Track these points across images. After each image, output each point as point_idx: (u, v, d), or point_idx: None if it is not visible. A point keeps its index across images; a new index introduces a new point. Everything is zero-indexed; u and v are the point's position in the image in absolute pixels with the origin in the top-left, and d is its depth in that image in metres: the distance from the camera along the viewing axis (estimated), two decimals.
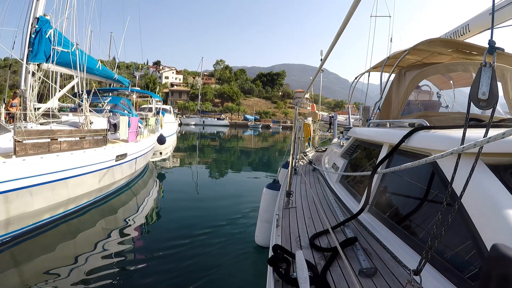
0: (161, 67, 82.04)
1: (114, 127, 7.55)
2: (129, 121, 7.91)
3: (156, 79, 62.89)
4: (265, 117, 59.12)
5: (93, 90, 9.02)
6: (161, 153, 14.87)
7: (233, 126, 48.73)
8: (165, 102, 55.63)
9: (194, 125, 45.24)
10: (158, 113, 15.36)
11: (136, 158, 8.17)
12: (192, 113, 53.50)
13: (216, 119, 49.87)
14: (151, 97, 15.55)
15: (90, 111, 7.09)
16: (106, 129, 6.63)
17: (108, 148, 6.42)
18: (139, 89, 17.52)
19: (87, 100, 6.82)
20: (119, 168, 6.97)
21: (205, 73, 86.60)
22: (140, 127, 9.97)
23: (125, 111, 10.24)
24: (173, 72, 78.25)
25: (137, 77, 22.04)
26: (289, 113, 60.29)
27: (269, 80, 78.26)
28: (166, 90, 66.36)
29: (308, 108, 18.70)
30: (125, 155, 7.19)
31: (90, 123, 6.78)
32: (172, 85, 71.76)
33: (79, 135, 5.81)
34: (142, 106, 18.18)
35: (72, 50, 7.45)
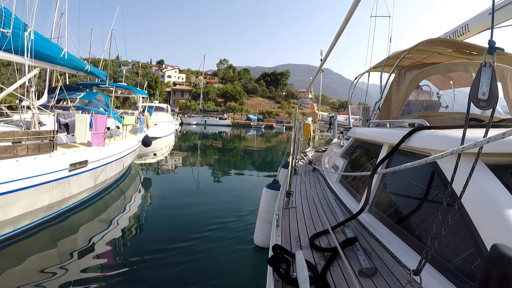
0: (164, 66, 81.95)
1: (66, 127, 6.21)
2: (91, 120, 6.42)
3: (158, 78, 62.96)
4: (269, 117, 58.75)
5: (59, 84, 7.57)
6: (155, 154, 14.56)
7: (236, 126, 48.39)
8: (167, 101, 55.49)
9: (195, 124, 45.04)
10: (143, 111, 13.80)
11: (104, 165, 6.84)
12: (193, 112, 53.27)
13: (218, 118, 49.59)
14: (133, 92, 13.46)
15: (39, 108, 5.81)
16: (54, 131, 5.18)
17: (57, 155, 5.13)
18: (125, 84, 15.84)
19: (35, 94, 5.59)
20: (75, 180, 5.69)
21: (209, 73, 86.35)
22: (118, 127, 8.93)
23: (101, 108, 8.81)
24: (175, 71, 78.24)
25: (124, 71, 21.62)
26: (293, 113, 60.07)
27: (273, 80, 78.02)
28: (168, 89, 66.44)
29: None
30: (84, 162, 5.94)
31: (39, 124, 5.51)
32: (174, 84, 71.83)
33: (11, 139, 4.47)
34: (138, 104, 17.19)
35: (27, 33, 5.81)
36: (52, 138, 5.12)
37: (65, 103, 8.68)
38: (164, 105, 25.57)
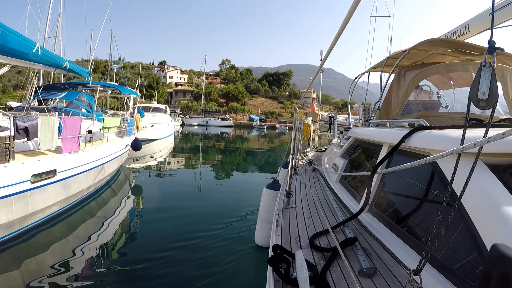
0: (165, 67, 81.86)
1: (26, 132, 5.33)
2: (60, 123, 5.64)
3: (160, 79, 62.88)
4: (271, 118, 58.14)
5: (35, 84, 6.87)
6: (152, 156, 14.44)
7: (238, 127, 47.96)
8: (168, 102, 55.13)
9: (197, 125, 44.73)
10: (134, 112, 12.87)
11: (78, 174, 6.06)
12: (195, 113, 52.91)
13: (220, 119, 49.10)
14: (119, 91, 11.91)
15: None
16: (10, 136, 4.45)
17: (14, 165, 4.40)
18: (113, 83, 14.56)
19: None
20: (41, 192, 4.97)
21: (211, 73, 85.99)
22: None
23: (83, 110, 7.91)
24: (177, 72, 78.05)
25: (115, 69, 21.24)
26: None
27: (276, 80, 77.57)
28: (170, 90, 66.43)
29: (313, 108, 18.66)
30: (52, 172, 5.22)
31: None
32: (176, 84, 71.76)
33: None
34: (136, 105, 16.43)
35: None
36: (8, 145, 4.35)
37: (51, 103, 8.09)
38: (162, 106, 25.03)
